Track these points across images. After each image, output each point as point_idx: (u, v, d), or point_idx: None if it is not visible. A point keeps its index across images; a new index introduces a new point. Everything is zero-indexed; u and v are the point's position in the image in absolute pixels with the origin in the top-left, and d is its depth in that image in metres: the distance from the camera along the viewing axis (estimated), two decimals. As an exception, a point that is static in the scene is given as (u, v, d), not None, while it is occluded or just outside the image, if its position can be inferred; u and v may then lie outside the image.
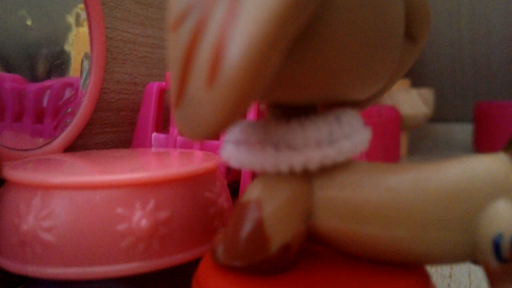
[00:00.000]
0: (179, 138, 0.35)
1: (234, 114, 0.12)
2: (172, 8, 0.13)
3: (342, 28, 0.14)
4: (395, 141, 0.76)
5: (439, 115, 1.11)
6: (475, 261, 0.15)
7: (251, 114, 0.33)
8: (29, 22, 0.28)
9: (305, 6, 0.12)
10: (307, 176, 0.16)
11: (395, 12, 0.16)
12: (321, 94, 0.15)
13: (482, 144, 0.89)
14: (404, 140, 0.89)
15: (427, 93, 0.84)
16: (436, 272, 0.31)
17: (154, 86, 0.37)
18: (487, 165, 0.15)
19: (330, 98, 0.16)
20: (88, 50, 0.34)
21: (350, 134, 0.16)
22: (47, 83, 0.30)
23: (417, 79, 1.13)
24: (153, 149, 0.34)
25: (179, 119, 0.13)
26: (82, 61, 0.33)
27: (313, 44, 0.14)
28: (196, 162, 0.25)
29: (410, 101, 0.82)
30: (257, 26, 0.11)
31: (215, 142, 0.33)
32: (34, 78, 0.29)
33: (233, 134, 0.17)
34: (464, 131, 1.11)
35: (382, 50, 0.16)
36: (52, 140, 0.31)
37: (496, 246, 0.14)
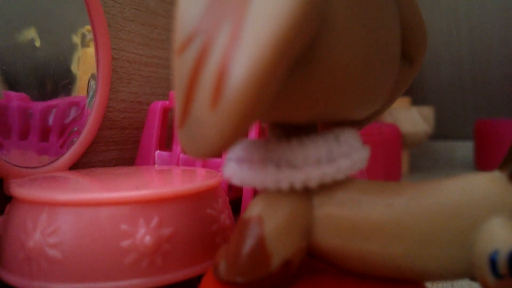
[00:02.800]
0: (182, 156, 0.35)
1: (236, 134, 0.12)
2: (178, 33, 0.14)
3: (340, 50, 0.14)
4: (396, 159, 0.76)
5: (439, 133, 1.11)
6: (473, 278, 0.15)
7: (253, 133, 0.33)
8: (37, 43, 0.29)
9: (305, 30, 0.12)
10: (307, 194, 0.17)
11: (391, 33, 0.17)
12: (320, 113, 0.16)
13: (483, 161, 0.89)
14: (405, 158, 0.89)
15: (428, 111, 0.84)
16: (437, 290, 0.31)
17: (158, 105, 0.38)
18: (483, 183, 0.15)
19: (329, 117, 0.17)
20: (95, 71, 0.34)
21: (348, 153, 0.16)
22: (53, 102, 0.31)
23: (417, 97, 1.14)
24: (156, 166, 0.35)
25: (183, 138, 0.13)
26: (89, 81, 0.34)
27: (312, 66, 0.14)
28: (198, 179, 0.26)
29: (411, 119, 0.83)
30: (259, 50, 0.11)
31: (217, 160, 0.34)
32: (41, 97, 0.30)
33: (235, 152, 0.17)
34: (465, 148, 1.11)
35: (379, 71, 0.16)
36: (58, 158, 0.31)
37: (493, 262, 0.14)
